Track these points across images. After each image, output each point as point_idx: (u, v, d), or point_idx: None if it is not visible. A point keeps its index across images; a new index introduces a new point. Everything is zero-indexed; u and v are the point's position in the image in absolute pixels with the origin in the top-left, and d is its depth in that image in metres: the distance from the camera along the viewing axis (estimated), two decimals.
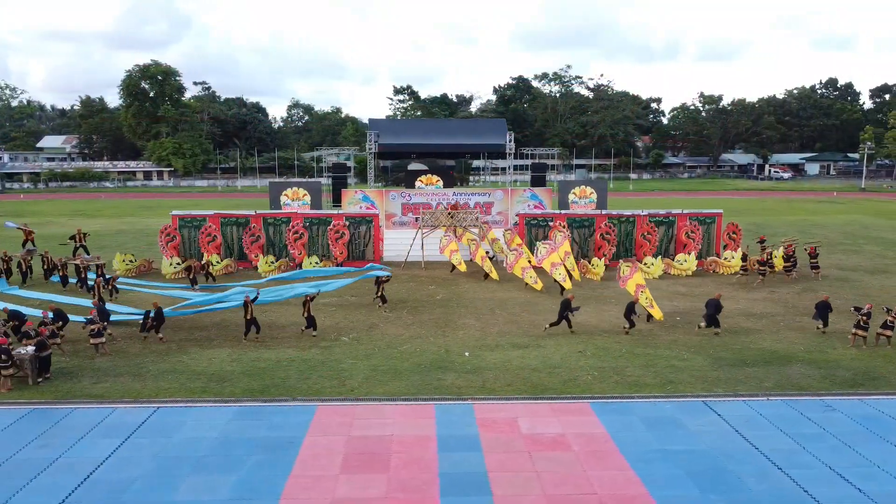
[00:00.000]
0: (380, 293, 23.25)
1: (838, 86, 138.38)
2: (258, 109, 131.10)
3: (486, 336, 19.88)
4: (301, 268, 28.41)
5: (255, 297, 19.80)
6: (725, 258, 29.36)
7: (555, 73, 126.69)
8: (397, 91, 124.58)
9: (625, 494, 11.00)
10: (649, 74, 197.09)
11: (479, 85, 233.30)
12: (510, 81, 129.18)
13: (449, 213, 30.67)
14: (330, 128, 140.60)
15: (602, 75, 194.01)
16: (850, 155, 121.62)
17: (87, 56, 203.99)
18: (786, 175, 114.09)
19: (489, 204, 34.25)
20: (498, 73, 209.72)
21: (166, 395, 15.32)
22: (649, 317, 20.82)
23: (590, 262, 28.14)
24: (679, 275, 28.66)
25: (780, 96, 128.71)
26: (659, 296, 23.49)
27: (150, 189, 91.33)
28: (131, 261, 29.00)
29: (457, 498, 10.86)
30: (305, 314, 19.74)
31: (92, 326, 18.00)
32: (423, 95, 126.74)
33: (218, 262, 28.86)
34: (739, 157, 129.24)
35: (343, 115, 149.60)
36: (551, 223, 29.61)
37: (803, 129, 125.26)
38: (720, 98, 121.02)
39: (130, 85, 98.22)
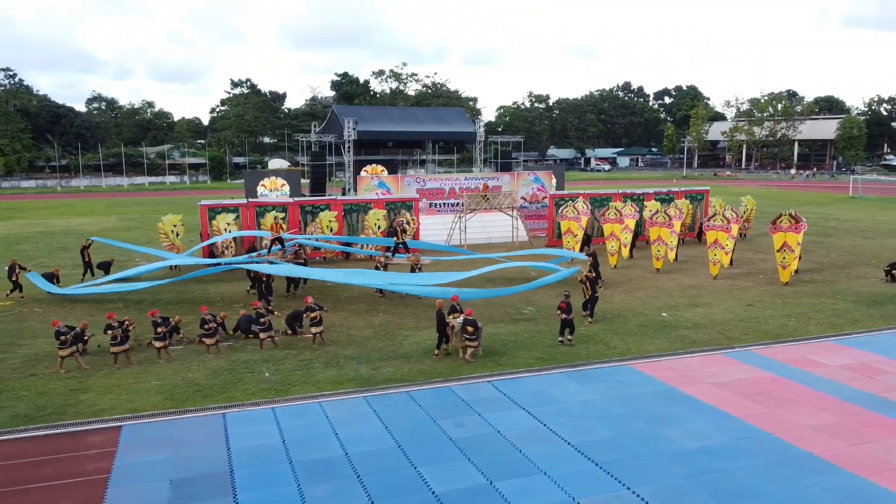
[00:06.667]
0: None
1: (632, 88, 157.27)
2: (48, 102, 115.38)
3: (644, 302, 21.22)
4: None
5: None
6: None
7: (391, 71, 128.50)
8: (235, 84, 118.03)
9: None
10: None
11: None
12: (336, 78, 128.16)
13: (483, 196, 31.37)
14: (149, 122, 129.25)
15: (436, 73, 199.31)
16: (653, 149, 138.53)
17: None
18: (606, 167, 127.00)
19: (497, 187, 35.17)
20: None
21: (470, 372, 14.82)
22: None
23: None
24: None
25: (591, 97, 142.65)
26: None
27: None
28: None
29: None
30: None
31: (313, 314, 16.54)
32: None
33: None
34: (560, 152, 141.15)
35: (157, 110, 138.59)
36: (575, 202, 31.31)
37: (613, 126, 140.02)
38: (548, 97, 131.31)
39: None
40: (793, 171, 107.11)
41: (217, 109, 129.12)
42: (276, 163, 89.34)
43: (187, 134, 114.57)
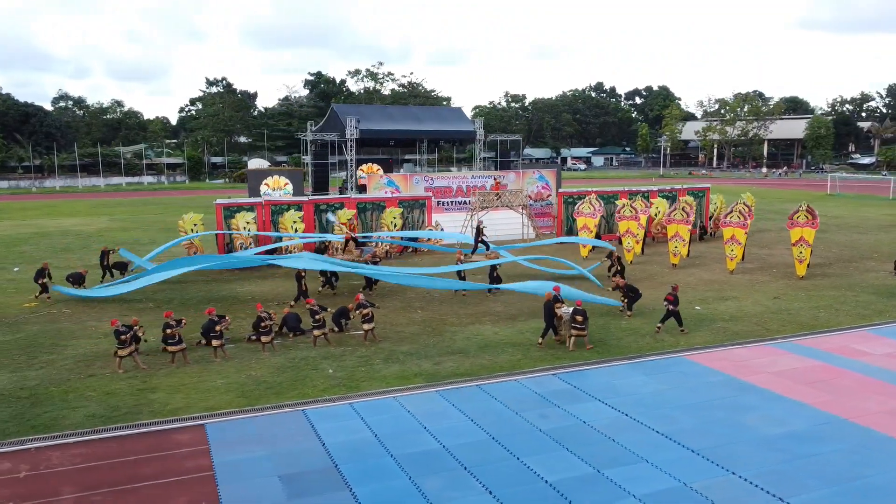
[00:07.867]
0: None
1: (605, 88, 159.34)
2: (15, 101, 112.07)
3: None
4: None
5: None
6: None
7: (368, 70, 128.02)
8: (210, 83, 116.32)
9: None
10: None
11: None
12: (310, 78, 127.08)
13: (496, 194, 31.62)
14: (119, 122, 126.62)
15: (412, 73, 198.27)
16: (627, 148, 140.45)
17: None
18: (582, 167, 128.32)
19: (503, 185, 35.40)
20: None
21: (532, 366, 15.01)
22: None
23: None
24: None
25: (564, 97, 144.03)
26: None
27: None
28: None
29: None
30: None
31: (365, 311, 16.55)
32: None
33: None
34: (535, 151, 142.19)
35: (126, 109, 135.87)
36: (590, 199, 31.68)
37: (588, 126, 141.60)
38: (524, 97, 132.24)
39: None
40: (764, 170, 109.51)
41: (187, 109, 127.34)
42: (256, 162, 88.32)
43: (161, 133, 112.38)
